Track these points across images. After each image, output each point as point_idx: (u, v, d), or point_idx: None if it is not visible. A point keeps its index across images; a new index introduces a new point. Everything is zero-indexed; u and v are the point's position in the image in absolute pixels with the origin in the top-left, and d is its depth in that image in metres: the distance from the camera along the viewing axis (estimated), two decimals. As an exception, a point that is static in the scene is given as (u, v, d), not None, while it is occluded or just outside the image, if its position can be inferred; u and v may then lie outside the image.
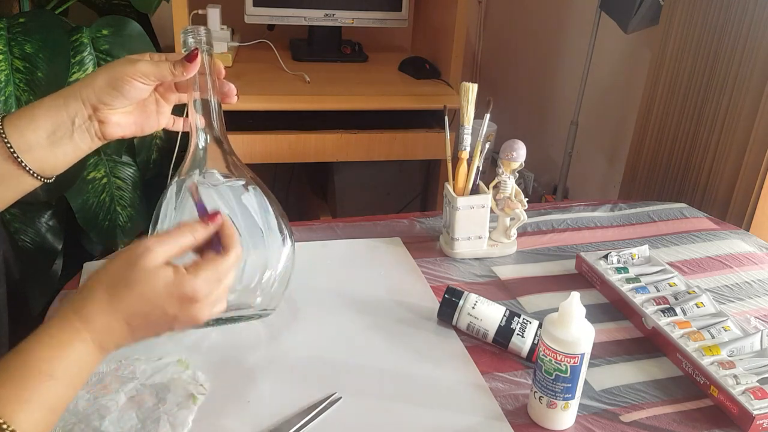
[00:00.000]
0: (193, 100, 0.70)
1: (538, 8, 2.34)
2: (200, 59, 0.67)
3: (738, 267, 1.00)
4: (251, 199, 0.74)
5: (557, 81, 2.28)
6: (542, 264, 0.98)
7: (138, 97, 0.68)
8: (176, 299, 0.55)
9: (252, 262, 0.73)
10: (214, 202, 0.71)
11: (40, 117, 0.65)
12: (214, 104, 0.70)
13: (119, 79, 0.66)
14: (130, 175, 1.55)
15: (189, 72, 0.67)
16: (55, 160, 0.67)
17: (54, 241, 1.46)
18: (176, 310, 0.55)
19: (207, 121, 0.71)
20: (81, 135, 0.67)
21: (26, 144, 0.64)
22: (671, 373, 0.77)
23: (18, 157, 0.64)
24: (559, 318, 0.65)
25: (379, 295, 0.88)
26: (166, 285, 0.54)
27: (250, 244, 0.73)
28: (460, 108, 0.94)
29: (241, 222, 0.72)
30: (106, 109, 0.67)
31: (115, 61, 0.67)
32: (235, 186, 0.73)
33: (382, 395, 0.71)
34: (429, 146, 1.77)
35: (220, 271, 0.57)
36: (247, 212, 0.73)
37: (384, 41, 2.24)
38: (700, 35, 1.45)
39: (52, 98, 0.67)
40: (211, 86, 0.70)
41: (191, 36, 0.68)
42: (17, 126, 0.64)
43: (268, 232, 0.75)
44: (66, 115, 0.66)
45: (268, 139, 1.65)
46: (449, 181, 0.97)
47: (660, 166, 1.60)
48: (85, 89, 0.66)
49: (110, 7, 1.77)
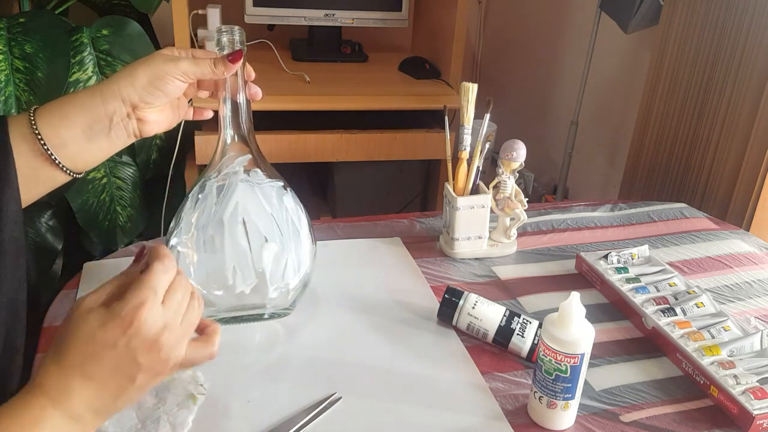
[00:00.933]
0: (223, 99, 0.71)
1: (538, 8, 2.34)
2: (242, 60, 0.68)
3: (738, 267, 0.99)
4: (291, 201, 0.76)
5: (557, 81, 2.28)
6: (542, 264, 0.98)
7: (176, 95, 0.69)
8: (116, 329, 0.50)
9: (291, 263, 0.75)
10: (259, 201, 0.73)
11: (74, 113, 0.65)
12: (244, 105, 0.72)
13: (160, 78, 0.66)
14: (130, 175, 1.55)
15: (230, 71, 0.68)
16: (90, 156, 0.67)
17: (54, 241, 1.46)
18: (125, 341, 0.50)
19: (235, 121, 0.72)
20: (118, 132, 0.67)
21: (60, 140, 0.64)
22: (671, 373, 0.77)
23: (51, 154, 0.64)
24: (559, 318, 0.65)
25: (379, 295, 0.88)
26: (100, 319, 0.50)
27: (291, 245, 0.74)
28: (460, 108, 0.94)
29: (283, 222, 0.74)
30: (146, 108, 0.67)
31: (154, 59, 0.67)
32: (276, 186, 0.75)
33: (382, 395, 0.71)
34: (429, 146, 1.77)
35: (146, 284, 0.52)
36: (287, 213, 0.75)
37: (384, 41, 2.24)
38: (700, 35, 1.45)
39: (88, 95, 0.66)
40: (242, 87, 0.71)
41: (226, 36, 0.69)
42: (50, 122, 0.64)
43: (304, 234, 0.77)
44: (104, 112, 0.65)
45: (268, 139, 1.65)
46: (449, 181, 0.97)
47: (660, 166, 1.60)
48: (126, 87, 0.65)
49: (110, 7, 1.77)
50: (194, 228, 0.72)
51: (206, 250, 0.72)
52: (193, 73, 0.67)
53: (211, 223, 0.72)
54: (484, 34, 2.59)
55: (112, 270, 0.88)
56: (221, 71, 0.68)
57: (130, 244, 1.17)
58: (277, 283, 0.75)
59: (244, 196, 0.72)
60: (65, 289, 0.85)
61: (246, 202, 0.72)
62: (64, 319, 0.52)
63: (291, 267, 0.75)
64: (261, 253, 0.73)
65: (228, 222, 0.72)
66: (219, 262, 0.72)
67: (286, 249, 0.74)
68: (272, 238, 0.73)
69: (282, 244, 0.74)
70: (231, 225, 0.72)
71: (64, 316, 0.79)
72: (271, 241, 0.73)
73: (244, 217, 0.72)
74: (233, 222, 0.72)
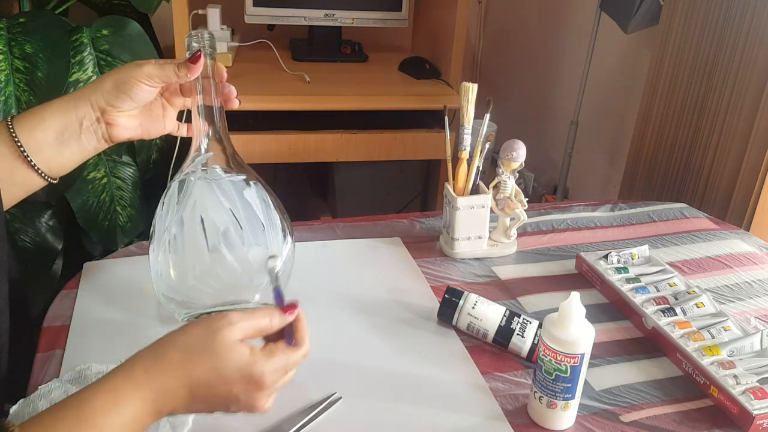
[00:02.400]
0: (197, 103, 0.72)
1: (538, 8, 2.34)
2: (203, 61, 0.70)
3: (738, 267, 1.00)
4: (253, 194, 0.75)
5: (557, 81, 2.28)
6: (542, 264, 0.98)
7: (144, 100, 0.70)
8: (244, 380, 0.54)
9: (254, 257, 0.74)
10: (216, 197, 0.72)
11: (48, 118, 0.67)
12: (216, 106, 0.73)
13: (126, 82, 0.68)
14: (130, 175, 1.55)
15: (192, 73, 0.69)
16: (62, 161, 0.69)
17: (54, 241, 1.46)
18: (240, 391, 0.54)
19: (209, 121, 0.73)
20: (88, 136, 0.69)
21: (35, 144, 0.67)
22: (671, 373, 0.77)
23: (28, 157, 0.66)
24: (559, 318, 0.65)
25: (379, 295, 0.88)
26: (240, 363, 0.53)
27: (251, 239, 0.74)
28: (460, 108, 0.94)
29: (242, 216, 0.73)
30: (113, 112, 0.69)
31: (123, 66, 0.69)
32: (236, 181, 0.75)
33: (382, 395, 0.71)
34: (429, 146, 1.77)
35: (289, 363, 0.56)
36: (249, 207, 0.75)
37: (384, 41, 2.24)
38: (700, 35, 1.45)
39: (62, 101, 0.68)
40: (214, 89, 0.72)
41: (195, 40, 0.71)
42: (27, 126, 0.66)
43: (270, 227, 0.76)
44: (75, 116, 0.68)
45: (268, 139, 1.65)
46: (449, 181, 0.97)
47: (660, 166, 1.60)
48: (94, 92, 0.68)
49: (110, 7, 1.77)
50: (163, 230, 0.73)
51: (171, 250, 0.73)
52: (158, 77, 0.69)
53: (173, 224, 0.72)
54: (484, 34, 2.59)
55: (112, 270, 0.89)
56: (184, 73, 0.69)
57: (130, 244, 1.17)
58: (246, 276, 0.74)
59: (201, 193, 0.73)
60: (65, 289, 0.85)
61: (203, 199, 0.73)
62: (207, 320, 0.55)
63: (254, 261, 0.74)
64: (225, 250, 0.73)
65: (187, 221, 0.72)
66: (182, 261, 0.73)
67: (247, 242, 0.74)
68: (231, 233, 0.73)
69: (242, 237, 0.73)
70: (190, 223, 0.72)
71: (64, 316, 0.79)
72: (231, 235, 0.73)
73: (201, 214, 0.72)
74: (192, 220, 0.72)
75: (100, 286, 0.85)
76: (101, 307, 0.81)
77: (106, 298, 0.83)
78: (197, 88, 0.71)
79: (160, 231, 0.73)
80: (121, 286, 0.85)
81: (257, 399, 0.55)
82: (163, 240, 0.73)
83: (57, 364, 0.72)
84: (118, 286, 0.85)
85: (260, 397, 0.55)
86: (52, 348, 0.75)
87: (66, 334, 0.77)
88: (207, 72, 0.71)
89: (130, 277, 0.87)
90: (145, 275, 0.77)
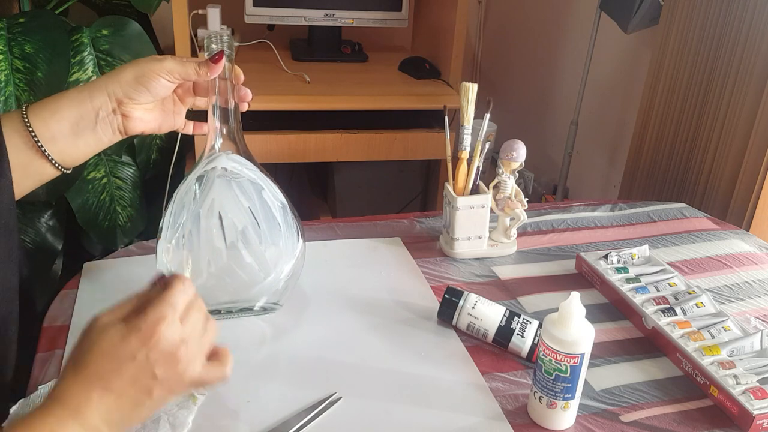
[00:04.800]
0: (212, 102, 0.73)
1: (538, 8, 2.34)
2: (223, 62, 0.71)
3: (738, 267, 1.00)
4: (270, 195, 0.76)
5: (557, 81, 2.28)
6: (542, 264, 0.98)
7: (161, 94, 0.70)
8: (137, 341, 0.51)
9: (270, 256, 0.75)
10: (236, 196, 0.74)
11: (64, 108, 0.67)
12: (232, 107, 0.74)
13: (145, 74, 0.68)
14: (130, 175, 1.55)
15: (212, 73, 0.70)
16: (76, 151, 0.69)
17: (54, 241, 1.46)
18: (144, 353, 0.51)
19: (224, 121, 0.74)
20: (104, 127, 0.69)
21: (50, 134, 0.66)
22: (671, 373, 0.77)
23: (42, 147, 0.66)
24: (559, 318, 0.65)
25: (379, 295, 0.88)
26: (120, 333, 0.51)
27: (269, 238, 0.75)
28: (460, 108, 0.94)
29: (261, 216, 0.74)
30: (130, 104, 0.69)
31: (143, 59, 0.69)
32: (255, 182, 0.76)
33: (382, 395, 0.71)
34: (429, 146, 1.77)
35: (166, 301, 0.53)
36: (267, 207, 0.75)
37: (384, 41, 2.24)
38: (700, 35, 1.45)
39: (78, 90, 0.68)
40: (230, 90, 0.73)
41: (214, 41, 0.72)
42: (41, 116, 0.66)
43: (286, 227, 0.77)
44: (91, 106, 0.67)
45: (268, 139, 1.65)
46: (449, 181, 0.97)
47: (660, 166, 1.60)
48: (112, 83, 0.68)
49: (110, 7, 1.77)
50: (177, 226, 0.73)
51: (185, 246, 0.73)
52: (178, 72, 0.69)
53: (189, 220, 0.73)
54: (484, 34, 2.59)
55: (112, 270, 0.89)
56: (204, 72, 0.70)
57: (130, 244, 1.17)
58: (262, 275, 0.75)
59: (220, 191, 0.73)
60: (65, 289, 0.85)
61: (222, 197, 0.73)
62: (81, 334, 0.53)
63: (270, 260, 0.75)
64: (242, 248, 0.74)
65: (204, 217, 0.73)
66: (196, 257, 0.73)
67: (264, 241, 0.75)
68: (249, 231, 0.74)
69: (260, 236, 0.74)
70: (207, 220, 0.73)
71: (64, 316, 0.79)
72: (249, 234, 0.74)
73: (220, 212, 0.73)
74: (209, 217, 0.73)
75: (100, 286, 0.85)
76: (101, 307, 0.80)
77: (106, 298, 0.81)
78: (214, 88, 0.72)
79: (171, 227, 0.73)
80: (122, 286, 0.85)
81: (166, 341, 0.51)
82: (176, 236, 0.73)
83: (57, 364, 0.72)
84: (118, 286, 0.85)
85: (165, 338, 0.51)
86: (52, 348, 0.75)
87: (66, 334, 0.77)
88: (224, 74, 0.72)
89: (130, 277, 0.87)
90: (145, 275, 0.77)
